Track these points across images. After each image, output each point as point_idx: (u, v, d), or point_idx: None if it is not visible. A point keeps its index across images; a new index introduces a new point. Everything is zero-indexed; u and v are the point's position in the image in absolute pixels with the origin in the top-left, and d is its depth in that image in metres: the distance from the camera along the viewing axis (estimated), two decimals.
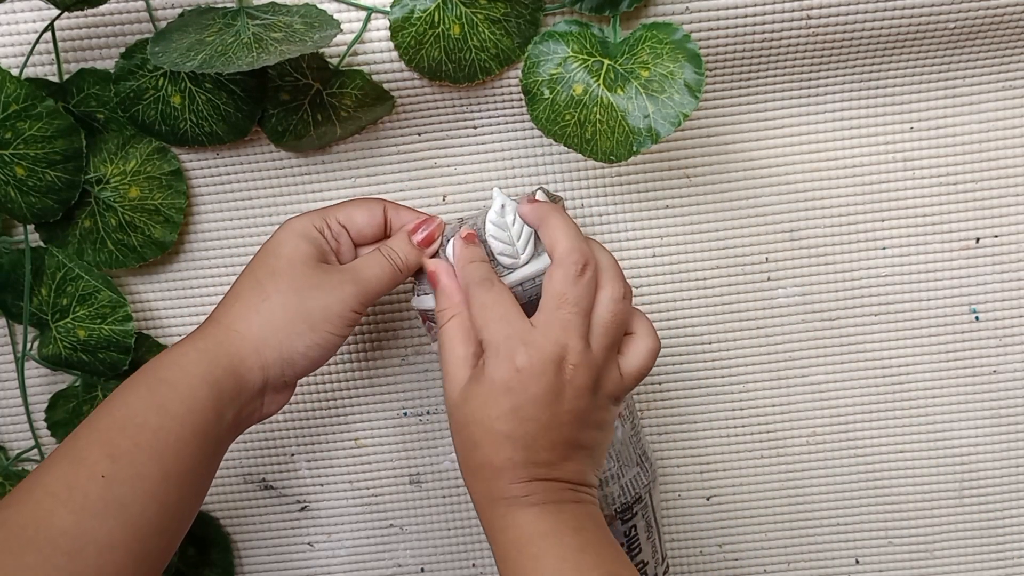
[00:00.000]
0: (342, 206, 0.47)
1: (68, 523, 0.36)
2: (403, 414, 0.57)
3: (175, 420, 0.39)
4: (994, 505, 0.58)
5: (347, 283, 0.44)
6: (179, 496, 0.40)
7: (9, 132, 0.46)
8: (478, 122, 0.52)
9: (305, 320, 0.43)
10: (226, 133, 0.50)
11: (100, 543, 0.36)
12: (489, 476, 0.41)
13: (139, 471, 0.38)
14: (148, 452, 0.38)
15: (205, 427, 0.40)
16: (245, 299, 0.43)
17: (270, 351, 0.42)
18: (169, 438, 0.39)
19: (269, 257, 0.44)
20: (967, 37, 0.50)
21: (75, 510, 0.37)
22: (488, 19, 0.47)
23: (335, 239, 0.46)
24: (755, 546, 0.59)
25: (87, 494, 0.37)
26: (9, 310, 0.52)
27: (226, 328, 0.42)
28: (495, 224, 0.46)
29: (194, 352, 0.41)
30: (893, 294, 0.55)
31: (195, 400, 0.40)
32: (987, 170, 0.53)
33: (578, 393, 0.41)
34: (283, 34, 0.44)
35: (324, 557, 0.60)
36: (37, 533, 0.36)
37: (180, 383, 0.40)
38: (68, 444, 0.39)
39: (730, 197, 0.54)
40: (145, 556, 0.38)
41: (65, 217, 0.50)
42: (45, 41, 0.49)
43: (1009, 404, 0.57)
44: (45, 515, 0.36)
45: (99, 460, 0.38)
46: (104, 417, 0.39)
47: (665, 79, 0.46)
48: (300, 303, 0.43)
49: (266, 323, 0.42)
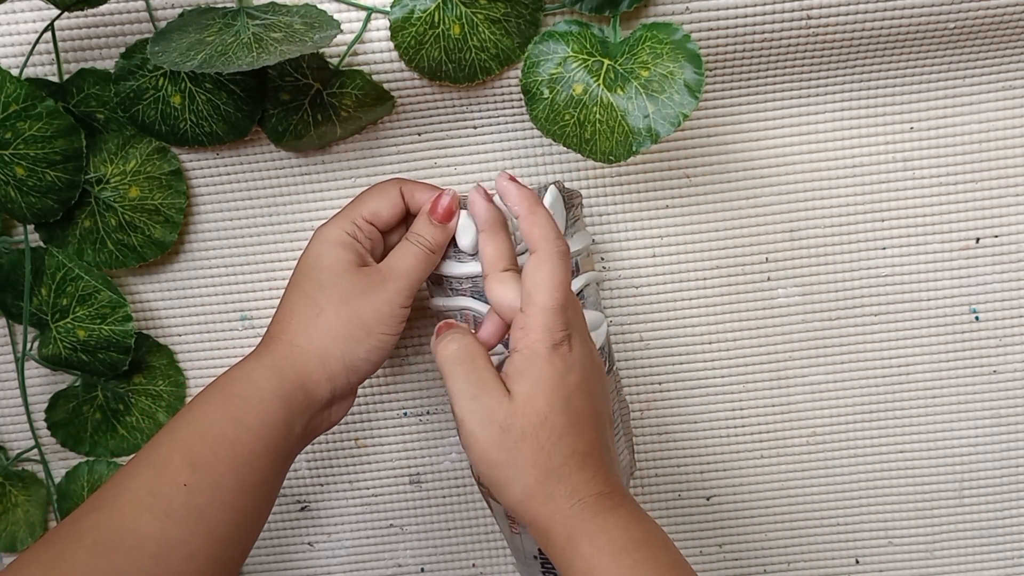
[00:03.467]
0: (363, 201, 0.47)
1: (154, 529, 0.37)
2: (403, 414, 0.57)
3: (250, 432, 0.40)
4: (994, 505, 0.58)
5: (389, 281, 0.44)
6: (254, 507, 0.41)
7: (9, 132, 0.46)
8: (478, 122, 0.52)
9: (361, 327, 0.43)
10: (226, 133, 0.50)
11: (183, 550, 0.37)
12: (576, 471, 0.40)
13: (218, 481, 0.39)
14: (226, 463, 0.39)
15: (277, 440, 0.41)
16: (300, 314, 0.44)
17: (334, 362, 0.43)
18: (244, 450, 0.40)
19: (312, 271, 0.45)
20: (967, 37, 0.50)
21: (160, 516, 0.37)
22: (488, 19, 0.47)
23: (368, 238, 0.46)
24: (755, 546, 0.59)
25: (171, 501, 0.38)
26: (9, 310, 0.52)
27: (288, 344, 0.43)
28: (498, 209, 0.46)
29: (263, 368, 0.42)
30: (893, 294, 0.55)
31: (268, 414, 0.41)
32: (987, 170, 0.53)
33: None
34: (283, 34, 0.44)
35: (324, 557, 0.60)
36: (125, 537, 0.37)
37: (253, 397, 0.41)
38: (149, 451, 0.40)
39: (730, 197, 0.54)
40: (223, 565, 0.39)
41: (65, 217, 0.50)
42: (45, 41, 0.49)
43: (1009, 404, 0.57)
44: (131, 520, 0.37)
45: (181, 469, 0.38)
46: (183, 427, 0.40)
47: (665, 79, 0.46)
48: (353, 311, 0.43)
49: (325, 335, 0.43)
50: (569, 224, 0.48)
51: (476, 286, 0.48)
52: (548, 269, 0.41)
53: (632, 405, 0.57)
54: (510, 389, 0.40)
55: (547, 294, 0.41)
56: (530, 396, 0.40)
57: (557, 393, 0.40)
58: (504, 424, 0.40)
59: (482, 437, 0.40)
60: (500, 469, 0.40)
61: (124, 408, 0.55)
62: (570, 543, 0.39)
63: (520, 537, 0.53)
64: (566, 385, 0.41)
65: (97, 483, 0.54)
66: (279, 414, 0.41)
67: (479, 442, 0.40)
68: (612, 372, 0.52)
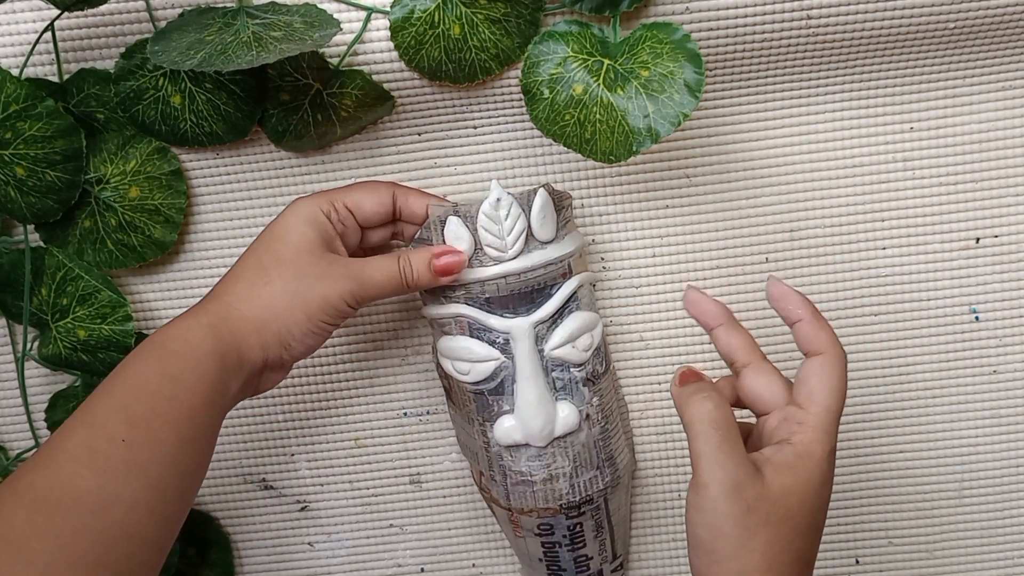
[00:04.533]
0: (351, 190, 0.47)
1: (92, 484, 0.37)
2: (403, 414, 0.57)
3: (187, 390, 0.41)
4: (994, 505, 0.58)
5: (350, 278, 0.44)
6: (192, 461, 0.41)
7: (9, 132, 0.46)
8: (478, 122, 0.52)
9: (303, 309, 0.44)
10: (226, 133, 0.50)
11: (124, 503, 0.38)
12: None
13: (156, 436, 0.39)
14: (164, 418, 0.40)
15: (213, 397, 0.42)
16: (248, 280, 0.44)
17: (269, 334, 0.44)
18: (182, 406, 0.40)
19: (275, 242, 0.45)
20: (967, 37, 0.50)
21: (98, 472, 0.37)
22: (488, 19, 0.47)
23: (341, 223, 0.47)
24: None
25: (109, 457, 0.38)
26: (9, 310, 0.52)
27: (227, 306, 0.44)
28: (488, 216, 0.46)
29: (199, 327, 0.42)
30: (893, 294, 0.55)
31: (204, 372, 0.41)
32: (987, 170, 0.53)
33: None
34: (283, 33, 0.44)
35: (324, 557, 0.60)
36: (63, 494, 0.37)
37: (188, 355, 0.41)
38: (84, 411, 0.40)
39: (730, 197, 0.54)
40: (166, 518, 0.40)
41: (65, 217, 0.50)
42: (45, 41, 0.49)
43: (1009, 404, 0.57)
44: (69, 477, 0.37)
45: (118, 425, 0.39)
46: (118, 385, 0.41)
47: (665, 79, 0.46)
48: (300, 292, 0.44)
49: (266, 307, 0.44)
50: (560, 226, 0.48)
51: (470, 292, 0.48)
52: (837, 373, 0.41)
53: (632, 405, 0.57)
54: (764, 474, 0.40)
55: (835, 398, 0.41)
56: (787, 491, 0.39)
57: (813, 500, 0.40)
58: (751, 505, 0.39)
59: (723, 507, 0.39)
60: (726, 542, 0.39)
61: None
62: None
63: (525, 541, 0.53)
64: (822, 495, 0.41)
65: None
66: (215, 373, 0.42)
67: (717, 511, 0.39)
68: (609, 372, 0.53)
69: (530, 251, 0.47)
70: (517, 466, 0.50)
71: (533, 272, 0.47)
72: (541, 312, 0.48)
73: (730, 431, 0.40)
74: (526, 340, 0.48)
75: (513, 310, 0.48)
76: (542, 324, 0.48)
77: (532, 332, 0.48)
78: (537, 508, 0.51)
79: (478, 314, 0.48)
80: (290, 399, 0.57)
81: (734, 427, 0.40)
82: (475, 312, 0.48)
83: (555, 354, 0.48)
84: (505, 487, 0.51)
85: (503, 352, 0.48)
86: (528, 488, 0.50)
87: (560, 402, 0.49)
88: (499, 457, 0.51)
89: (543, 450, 0.50)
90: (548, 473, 0.50)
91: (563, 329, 0.49)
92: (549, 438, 0.49)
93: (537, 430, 0.49)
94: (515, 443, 0.50)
